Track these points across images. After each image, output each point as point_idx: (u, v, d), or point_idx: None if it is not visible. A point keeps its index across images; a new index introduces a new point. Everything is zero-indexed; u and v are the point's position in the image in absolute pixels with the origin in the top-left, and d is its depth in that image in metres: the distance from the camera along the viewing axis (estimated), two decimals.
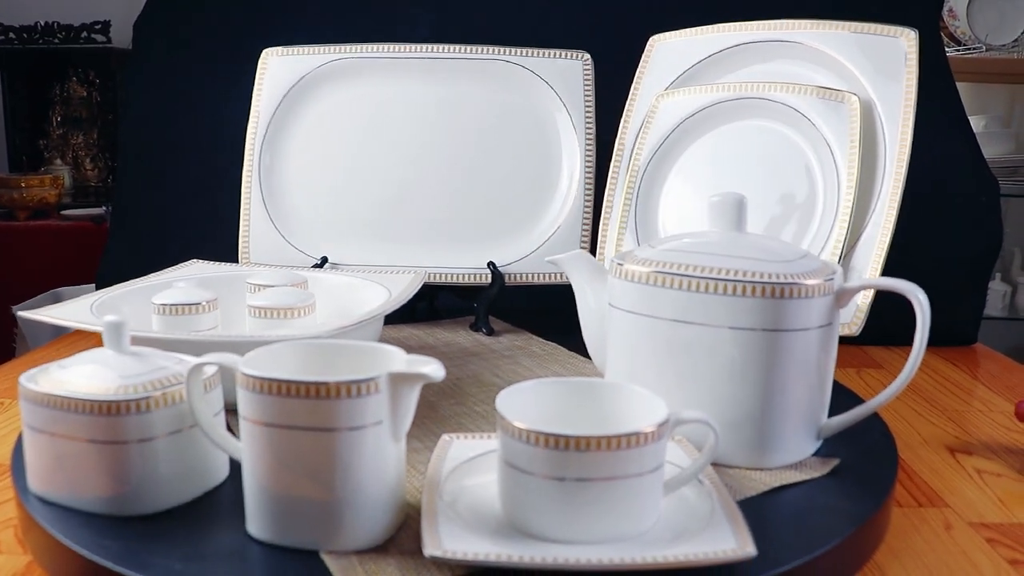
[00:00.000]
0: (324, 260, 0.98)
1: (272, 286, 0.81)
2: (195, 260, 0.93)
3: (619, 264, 0.68)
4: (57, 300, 1.72)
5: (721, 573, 0.49)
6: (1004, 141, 1.99)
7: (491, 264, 0.98)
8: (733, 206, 0.67)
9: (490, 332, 0.98)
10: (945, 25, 1.96)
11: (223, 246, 1.01)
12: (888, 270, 0.78)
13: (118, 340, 0.57)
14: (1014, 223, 1.63)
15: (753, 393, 0.62)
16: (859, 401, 0.74)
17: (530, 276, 0.99)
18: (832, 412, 0.67)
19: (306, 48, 1.02)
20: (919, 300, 0.62)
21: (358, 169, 1.02)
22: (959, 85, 1.15)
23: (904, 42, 0.80)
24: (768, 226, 0.87)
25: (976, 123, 1.24)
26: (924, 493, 0.70)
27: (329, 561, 0.49)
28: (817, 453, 0.66)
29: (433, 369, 0.50)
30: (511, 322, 1.03)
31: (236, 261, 0.99)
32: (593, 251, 0.99)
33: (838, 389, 0.72)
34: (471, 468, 0.58)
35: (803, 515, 0.58)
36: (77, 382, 0.55)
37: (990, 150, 1.37)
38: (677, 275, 0.63)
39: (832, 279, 0.63)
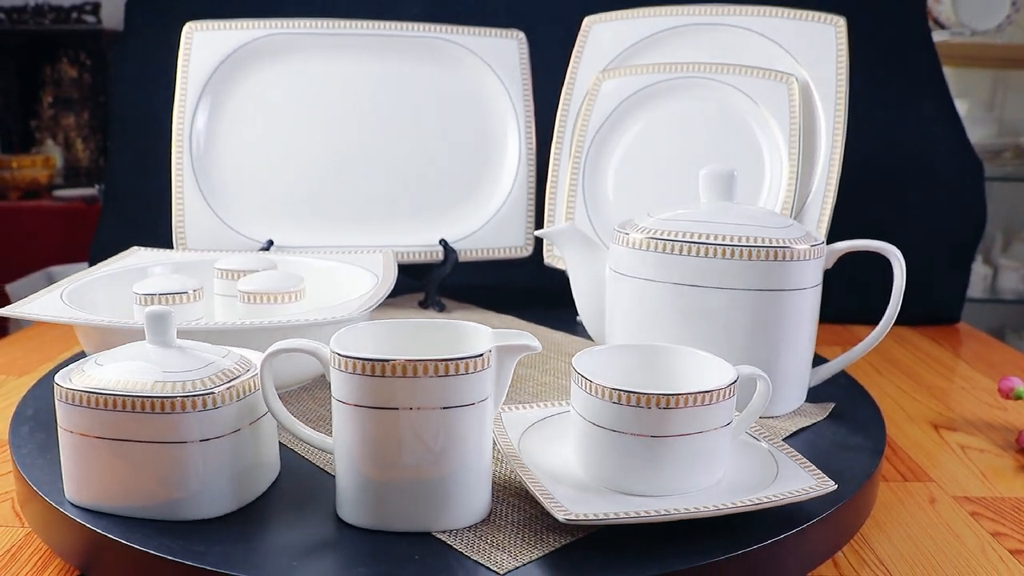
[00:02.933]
0: (270, 243, 0.94)
1: (246, 271, 0.76)
2: (136, 248, 0.86)
3: (624, 233, 0.71)
4: (50, 278, 1.75)
5: (792, 511, 0.53)
6: (987, 125, 2.01)
7: (443, 241, 0.98)
8: (724, 178, 0.72)
9: (441, 308, 0.98)
10: (929, 10, 1.94)
11: None
12: None
13: (163, 333, 0.53)
14: (996, 206, 1.65)
15: (757, 349, 0.68)
16: (843, 372, 0.79)
17: (479, 252, 1.00)
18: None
19: (233, 22, 0.96)
20: (897, 258, 0.70)
21: (296, 149, 0.98)
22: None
23: (834, 28, 0.88)
24: None
25: (959, 107, 1.25)
26: (909, 468, 0.73)
27: (450, 540, 0.49)
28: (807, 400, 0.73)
29: (532, 339, 0.51)
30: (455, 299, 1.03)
31: None
32: (540, 226, 1.01)
33: (822, 364, 0.76)
34: (532, 436, 0.60)
35: (829, 452, 0.64)
36: (124, 380, 0.51)
37: (973, 134, 1.38)
38: (682, 242, 0.67)
39: (822, 243, 0.70)
